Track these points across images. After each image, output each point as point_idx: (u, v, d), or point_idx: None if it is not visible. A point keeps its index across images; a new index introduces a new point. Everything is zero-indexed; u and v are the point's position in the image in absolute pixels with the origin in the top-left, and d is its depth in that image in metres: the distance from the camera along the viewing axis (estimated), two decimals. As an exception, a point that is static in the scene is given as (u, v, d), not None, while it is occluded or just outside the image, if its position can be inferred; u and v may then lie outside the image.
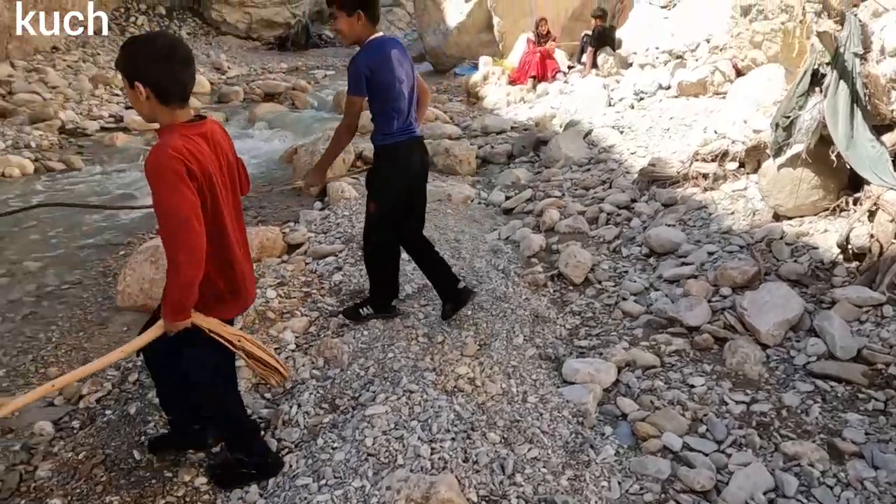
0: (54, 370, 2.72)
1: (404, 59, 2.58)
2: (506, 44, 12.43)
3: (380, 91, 2.49)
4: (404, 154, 2.65)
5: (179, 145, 1.60)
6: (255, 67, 14.00)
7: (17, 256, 4.03)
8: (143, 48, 1.66)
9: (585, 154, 5.46)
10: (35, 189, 5.52)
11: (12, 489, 2.05)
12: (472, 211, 4.54)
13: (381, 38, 2.52)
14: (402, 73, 2.53)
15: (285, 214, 4.76)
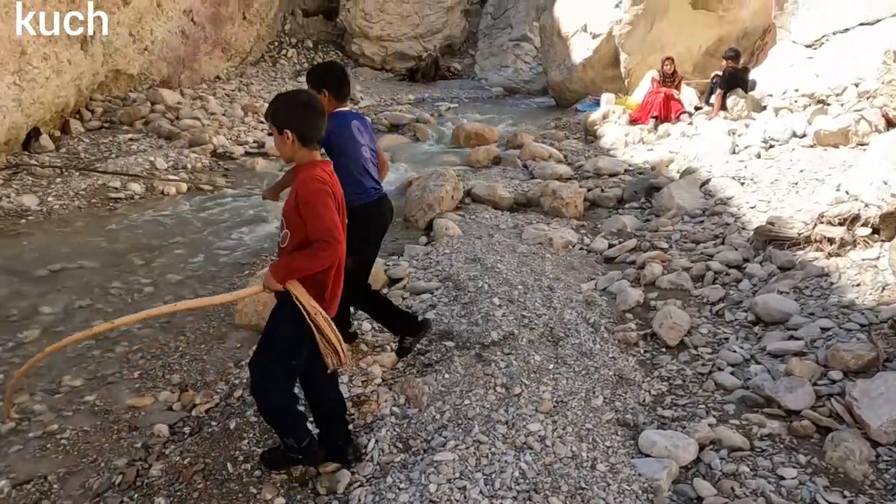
0: (177, 377, 3.10)
1: (364, 130, 2.94)
2: (632, 81, 12.19)
3: (348, 154, 2.82)
4: (380, 212, 3.00)
5: (325, 176, 2.09)
6: (385, 98, 14.88)
7: (162, 270, 4.63)
8: (291, 103, 2.12)
9: (700, 205, 5.21)
10: (184, 207, 6.29)
11: (129, 482, 2.38)
12: (572, 257, 4.52)
13: (343, 111, 2.91)
14: (364, 139, 2.90)
15: (392, 246, 5.03)
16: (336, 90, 2.84)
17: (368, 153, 2.90)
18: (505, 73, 17.22)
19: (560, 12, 13.24)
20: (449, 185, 5.59)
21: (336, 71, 2.94)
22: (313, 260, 2.03)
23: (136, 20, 12.32)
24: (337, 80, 2.85)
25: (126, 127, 10.07)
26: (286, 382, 2.24)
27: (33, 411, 2.86)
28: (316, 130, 2.11)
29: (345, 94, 2.93)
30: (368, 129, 2.99)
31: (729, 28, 12.24)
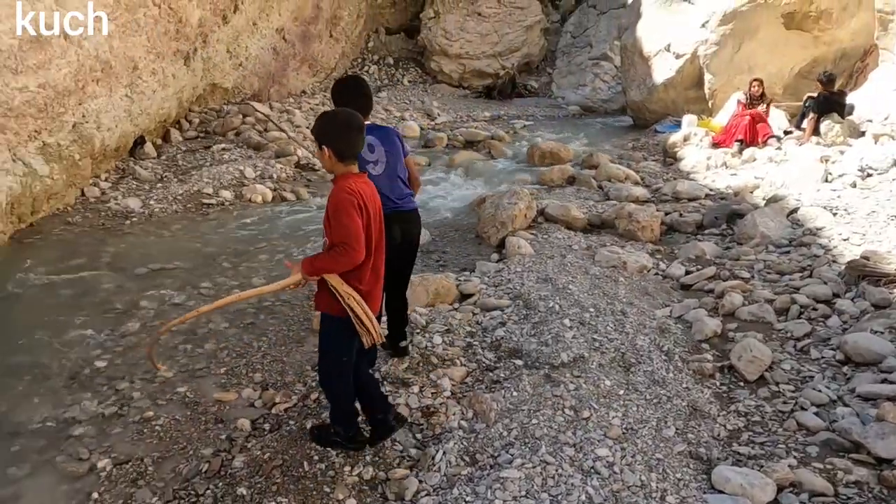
0: (259, 376, 3.30)
1: (379, 144, 2.94)
2: (716, 102, 11.79)
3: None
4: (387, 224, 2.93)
5: (354, 188, 2.29)
6: (461, 114, 15.12)
7: (247, 273, 4.92)
8: (330, 121, 2.35)
9: (786, 234, 4.98)
10: (269, 215, 6.66)
11: (215, 471, 2.55)
12: (647, 282, 4.43)
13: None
14: (375, 156, 2.92)
15: (464, 262, 5.12)
16: (354, 103, 2.87)
17: (379, 168, 2.92)
18: (582, 92, 17.09)
19: (643, 32, 13.04)
20: (522, 203, 5.62)
21: (349, 87, 2.98)
22: (333, 261, 2.27)
23: (233, 38, 13.18)
24: (350, 96, 2.88)
25: (219, 137, 10.78)
26: (341, 376, 2.49)
27: (132, 398, 3.12)
28: (351, 147, 2.33)
29: (362, 111, 2.89)
30: (387, 143, 2.97)
31: (825, 49, 11.63)
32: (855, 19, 11.05)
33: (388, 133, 3.03)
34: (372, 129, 2.94)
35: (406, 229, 3.03)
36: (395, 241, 2.94)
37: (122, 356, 3.54)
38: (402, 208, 3.00)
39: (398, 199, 2.99)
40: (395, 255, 2.98)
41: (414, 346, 3.34)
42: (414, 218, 3.10)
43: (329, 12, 17.27)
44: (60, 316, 4.04)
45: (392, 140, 3.01)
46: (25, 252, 5.23)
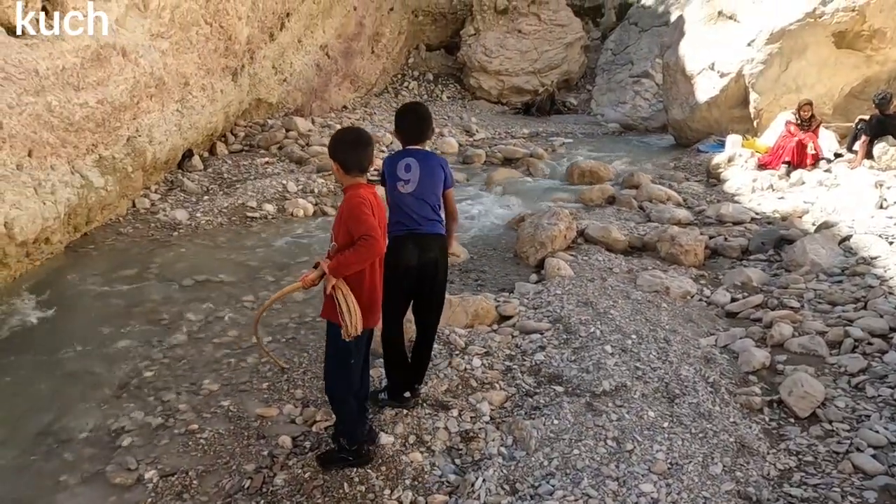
0: (300, 392, 3.34)
1: (416, 167, 2.91)
2: (762, 122, 11.54)
3: (386, 188, 2.98)
4: (397, 247, 2.89)
5: (364, 194, 2.50)
6: (499, 131, 15.15)
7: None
8: (337, 138, 2.62)
9: (838, 262, 4.81)
10: (311, 228, 6.77)
11: (257, 488, 2.59)
12: (690, 309, 4.33)
13: (401, 151, 3.02)
14: (408, 175, 2.90)
15: (503, 282, 5.10)
16: (401, 132, 3.02)
17: (409, 187, 2.89)
18: (622, 110, 16.94)
19: (686, 50, 12.88)
20: (562, 223, 5.59)
21: (403, 115, 3.06)
22: (359, 253, 2.41)
23: (279, 54, 13.56)
24: (401, 123, 3.02)
25: (263, 151, 11.05)
26: (345, 381, 2.61)
27: (178, 409, 3.20)
28: (356, 161, 2.53)
29: (412, 136, 3.00)
30: (426, 168, 2.93)
31: (878, 69, 11.27)
32: (911, 38, 10.69)
33: (431, 159, 3.01)
34: (417, 153, 2.98)
35: (423, 252, 2.92)
36: (409, 262, 2.89)
37: (169, 367, 3.64)
38: (420, 230, 2.91)
39: (420, 221, 2.91)
40: (412, 279, 2.93)
41: (453, 369, 3.33)
42: (432, 241, 2.95)
43: (371, 29, 17.62)
44: (111, 325, 4.18)
45: (432, 167, 2.97)
46: (80, 261, 5.44)
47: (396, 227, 2.93)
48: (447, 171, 3.04)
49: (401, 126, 3.02)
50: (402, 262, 2.91)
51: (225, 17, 9.98)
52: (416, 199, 2.91)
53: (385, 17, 18.26)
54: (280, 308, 4.59)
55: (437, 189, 2.98)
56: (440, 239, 3.00)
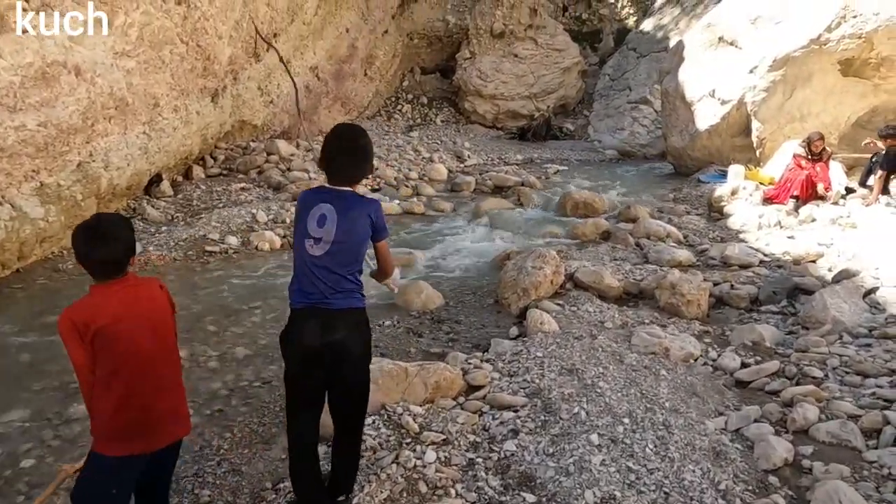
0: (206, 495, 2.67)
1: (334, 220, 2.21)
2: (765, 151, 11.03)
3: (294, 234, 2.32)
4: (296, 324, 2.27)
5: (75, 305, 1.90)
6: (492, 157, 14.62)
7: (234, 340, 4.36)
8: None
9: (864, 321, 4.17)
10: (273, 266, 6.14)
11: None
12: (694, 376, 3.68)
13: (324, 190, 2.29)
14: (321, 232, 2.21)
15: (478, 337, 4.46)
16: (324, 163, 2.31)
17: (320, 248, 2.20)
18: (620, 136, 16.46)
19: (686, 76, 12.41)
20: (549, 268, 4.96)
21: (328, 141, 2.32)
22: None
23: (265, 75, 13.09)
24: (325, 151, 2.30)
25: (241, 175, 10.50)
26: None
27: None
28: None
29: (335, 173, 2.28)
30: (346, 221, 2.22)
31: (886, 98, 10.79)
32: (920, 67, 10.22)
33: (354, 208, 2.26)
34: (339, 199, 2.26)
35: (329, 332, 2.22)
36: (310, 343, 2.21)
37: (56, 452, 2.97)
38: (327, 305, 2.23)
39: (327, 293, 2.23)
40: (316, 365, 2.23)
41: (399, 466, 2.67)
42: (341, 319, 2.25)
43: (365, 52, 17.23)
44: (7, 388, 3.52)
45: (355, 220, 2.24)
46: (1, 304, 4.80)
47: (298, 296, 2.28)
48: (377, 219, 2.32)
49: (324, 155, 2.30)
50: (302, 344, 2.23)
51: (203, 36, 9.47)
52: (327, 265, 2.24)
53: (379, 39, 17.89)
54: (216, 369, 3.94)
55: (359, 249, 2.30)
56: (354, 315, 2.30)
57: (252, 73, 12.56)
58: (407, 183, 10.68)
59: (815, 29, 10.16)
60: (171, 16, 8.29)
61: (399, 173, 11.37)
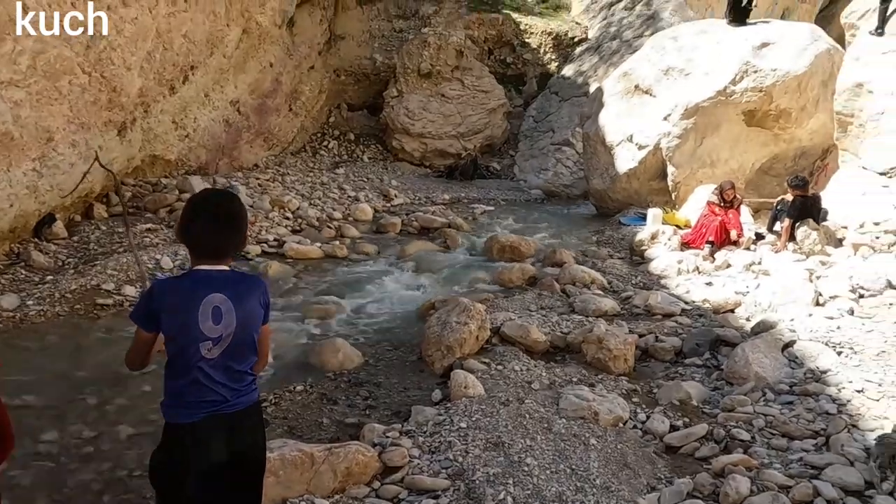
0: None
1: (232, 312, 1.87)
2: (679, 194, 11.50)
3: (170, 341, 1.88)
4: (192, 443, 1.87)
5: None
6: (420, 195, 14.47)
7: (117, 415, 3.82)
8: None
9: (785, 375, 4.18)
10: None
11: None
12: (625, 443, 3.50)
13: (199, 275, 1.89)
14: (219, 328, 1.86)
15: (399, 402, 4.13)
16: (189, 240, 1.94)
17: (219, 348, 1.88)
18: (545, 176, 16.79)
19: (605, 121, 12.85)
20: (474, 323, 4.73)
21: (195, 213, 1.93)
22: None
23: (180, 109, 12.43)
24: (191, 226, 1.92)
25: (150, 214, 9.74)
26: None
27: None
28: None
29: (207, 249, 1.92)
30: (243, 309, 1.91)
31: (785, 147, 11.61)
32: (813, 119, 11.08)
33: (249, 291, 1.95)
34: (228, 282, 1.91)
35: (238, 437, 1.91)
36: (215, 459, 1.86)
37: None
38: (229, 408, 1.90)
39: (229, 396, 1.90)
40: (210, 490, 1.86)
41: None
42: (247, 419, 1.96)
43: (289, 86, 16.82)
44: None
45: (252, 307, 1.95)
46: None
47: (191, 408, 1.88)
48: (267, 300, 2.02)
49: (189, 230, 1.93)
50: (209, 461, 1.86)
51: (109, 66, 8.82)
52: (228, 364, 1.90)
53: (305, 75, 17.56)
54: (90, 454, 3.39)
55: (254, 337, 1.99)
56: (256, 411, 1.99)
57: (166, 106, 11.89)
58: (330, 224, 10.29)
59: (721, 81, 10.82)
60: (71, 44, 7.65)
61: (322, 213, 10.96)
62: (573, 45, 19.94)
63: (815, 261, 6.47)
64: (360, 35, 19.04)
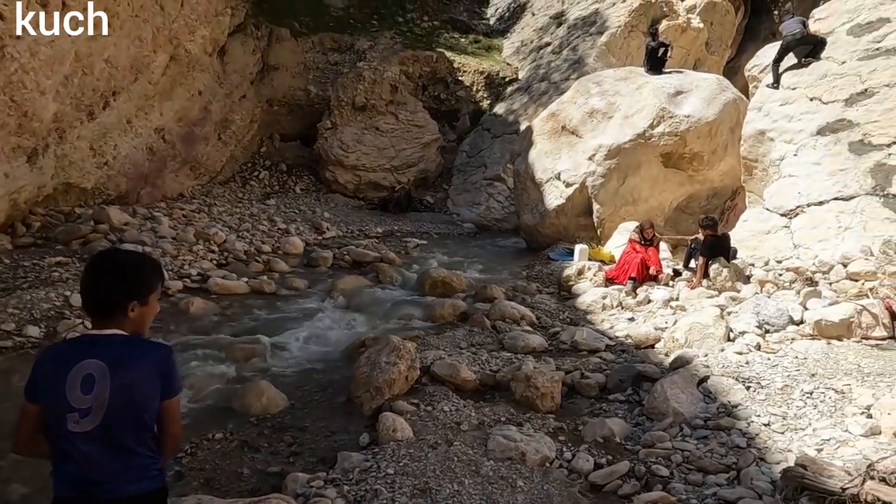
0: None
1: (106, 382, 1.69)
2: (604, 230, 12.00)
3: (43, 413, 1.75)
4: None
5: None
6: (353, 228, 14.37)
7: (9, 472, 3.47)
8: None
9: (700, 410, 4.39)
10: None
11: None
12: (551, 484, 3.54)
13: (82, 340, 1.80)
14: (88, 399, 1.69)
15: (325, 447, 4.01)
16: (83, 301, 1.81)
17: (89, 422, 1.69)
18: (477, 210, 17.12)
19: (534, 158, 13.30)
20: (403, 363, 4.70)
21: (85, 272, 1.82)
22: None
23: (100, 135, 11.87)
24: (82, 286, 1.80)
25: (61, 246, 9.14)
26: None
27: None
28: None
29: (95, 309, 1.79)
30: (122, 379, 1.72)
31: (699, 187, 12.39)
32: (723, 162, 11.92)
33: (136, 360, 1.75)
34: (110, 348, 1.74)
35: None
36: None
37: None
38: (105, 492, 1.72)
39: (105, 478, 1.72)
40: None
41: None
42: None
43: (219, 115, 16.42)
44: None
45: (137, 378, 1.74)
46: None
47: (66, 482, 1.73)
48: (167, 371, 1.80)
49: (81, 289, 1.81)
50: None
51: (20, 90, 8.35)
52: (111, 442, 1.72)
53: (236, 104, 17.20)
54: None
55: (144, 412, 1.76)
56: (154, 500, 1.80)
57: (84, 132, 11.33)
58: (259, 257, 10.00)
59: (641, 125, 11.50)
60: (-24, 67, 7.21)
61: (251, 246, 10.65)
62: (504, 84, 20.67)
63: (726, 297, 6.89)
64: (295, 66, 18.95)
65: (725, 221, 11.70)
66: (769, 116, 9.77)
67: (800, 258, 7.76)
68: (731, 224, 10.94)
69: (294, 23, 19.39)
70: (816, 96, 9.26)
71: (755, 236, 9.42)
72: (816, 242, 8.23)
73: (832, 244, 7.74)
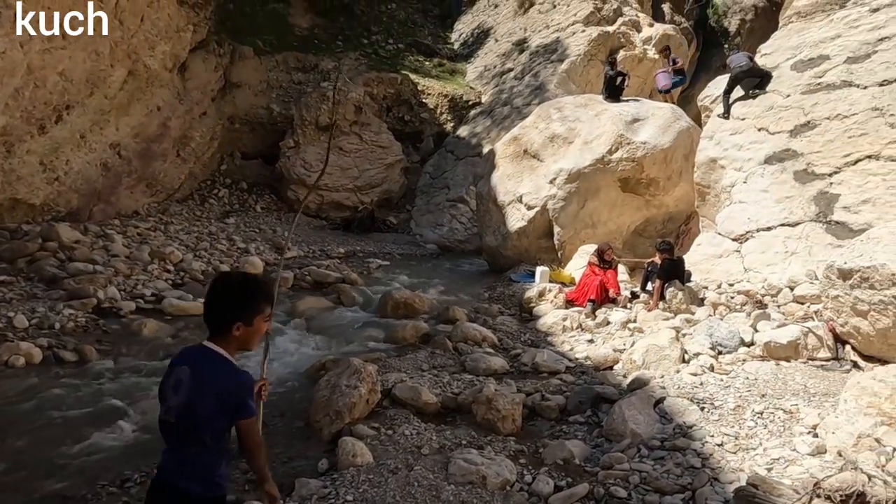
0: None
1: (186, 386, 1.99)
2: (565, 253, 12.19)
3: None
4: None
5: None
6: (314, 248, 14.21)
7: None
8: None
9: (657, 431, 4.47)
10: (22, 390, 4.95)
11: None
12: (511, 507, 3.54)
13: (197, 346, 2.13)
14: (175, 398, 2.00)
15: (283, 473, 3.91)
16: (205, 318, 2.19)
17: (172, 414, 2.02)
18: (440, 231, 17.18)
19: (497, 181, 13.48)
20: (364, 386, 4.65)
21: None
22: None
23: (51, 150, 11.51)
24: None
25: (5, 265, 8.75)
26: None
27: None
28: None
29: (208, 323, 2.13)
30: (198, 385, 2.00)
31: (655, 211, 12.74)
32: (678, 188, 12.32)
33: (204, 378, 2.00)
34: (199, 358, 2.05)
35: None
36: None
37: None
38: (172, 482, 1.99)
39: (175, 466, 2.00)
40: None
41: None
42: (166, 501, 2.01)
43: (178, 131, 16.11)
44: None
45: (198, 394, 1.98)
46: None
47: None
48: (230, 399, 2.00)
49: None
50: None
51: (-35, 101, 8.05)
52: (183, 436, 2.01)
53: (196, 120, 16.91)
54: None
55: (201, 430, 1.99)
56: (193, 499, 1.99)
57: (34, 146, 10.97)
58: (217, 278, 9.77)
59: (600, 151, 11.81)
60: (-82, 77, 6.93)
61: (208, 266, 10.42)
62: (468, 107, 20.96)
63: (681, 319, 7.08)
64: (258, 84, 18.79)
65: (680, 245, 12.04)
66: (720, 145, 10.17)
67: (750, 281, 8.05)
68: (686, 248, 11.27)
69: (258, 41, 19.28)
70: (764, 127, 9.71)
71: (708, 260, 9.73)
72: (765, 266, 8.55)
73: (780, 268, 8.06)
